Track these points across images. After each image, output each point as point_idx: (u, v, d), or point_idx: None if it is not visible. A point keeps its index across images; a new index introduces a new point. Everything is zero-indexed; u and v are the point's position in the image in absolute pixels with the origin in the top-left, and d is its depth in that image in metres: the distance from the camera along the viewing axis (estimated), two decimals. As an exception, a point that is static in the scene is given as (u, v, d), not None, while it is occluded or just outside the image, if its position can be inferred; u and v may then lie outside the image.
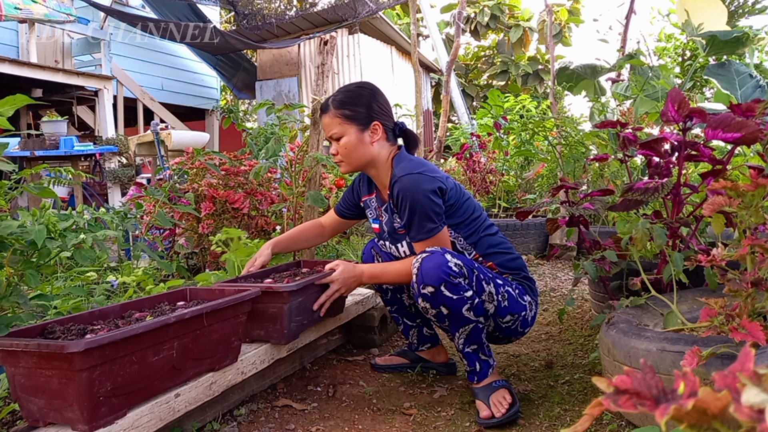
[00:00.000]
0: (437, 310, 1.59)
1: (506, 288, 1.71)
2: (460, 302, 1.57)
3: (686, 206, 2.10)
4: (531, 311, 1.77)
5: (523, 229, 4.19)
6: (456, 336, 1.64)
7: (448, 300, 1.56)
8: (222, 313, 1.43)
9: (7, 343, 1.13)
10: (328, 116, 1.75)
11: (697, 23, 3.83)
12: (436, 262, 1.56)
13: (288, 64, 8.56)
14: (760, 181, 1.23)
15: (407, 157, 1.77)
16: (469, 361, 1.67)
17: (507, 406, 1.59)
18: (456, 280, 1.56)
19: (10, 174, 1.54)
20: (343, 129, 1.73)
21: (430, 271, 1.55)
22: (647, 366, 0.44)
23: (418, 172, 1.67)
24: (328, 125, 1.76)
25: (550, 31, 6.56)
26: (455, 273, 1.56)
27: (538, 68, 13.47)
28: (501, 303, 1.68)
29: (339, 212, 2.04)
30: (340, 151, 1.75)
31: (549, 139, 4.08)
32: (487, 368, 1.67)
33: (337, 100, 1.74)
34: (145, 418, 1.22)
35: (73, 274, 2.14)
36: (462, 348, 1.66)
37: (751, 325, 1.16)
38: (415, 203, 1.63)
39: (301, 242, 2.07)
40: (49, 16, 5.49)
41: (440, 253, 1.58)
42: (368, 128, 1.74)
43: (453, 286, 1.55)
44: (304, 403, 1.73)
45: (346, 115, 1.72)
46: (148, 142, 4.86)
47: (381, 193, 1.88)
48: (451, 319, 1.60)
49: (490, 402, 1.61)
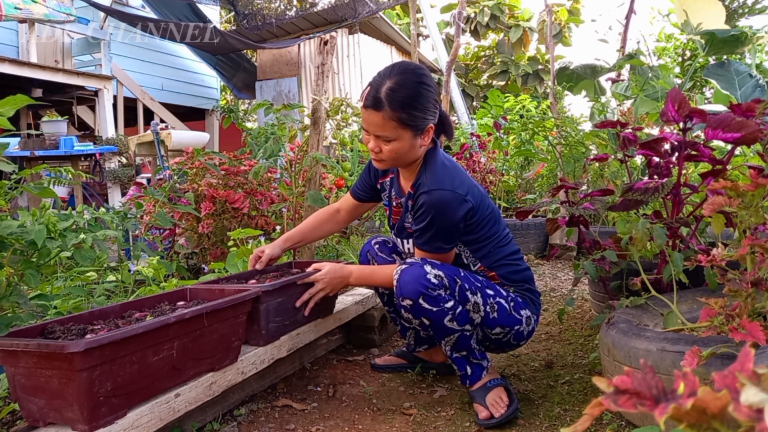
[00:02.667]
0: (419, 321, 1.58)
1: (497, 299, 1.64)
2: (441, 313, 1.54)
3: (686, 206, 2.10)
4: (527, 326, 1.69)
5: (523, 229, 4.19)
6: (443, 343, 1.63)
7: (427, 312, 1.55)
8: (222, 313, 1.43)
9: (7, 343, 1.13)
10: (381, 115, 1.51)
11: (696, 23, 3.83)
12: (414, 275, 1.54)
13: (288, 64, 8.56)
14: (760, 181, 1.23)
15: (440, 159, 1.66)
16: (459, 366, 1.65)
17: (505, 406, 1.58)
18: (435, 292, 1.53)
19: (10, 174, 1.54)
20: (398, 134, 1.54)
21: (408, 285, 1.54)
22: (647, 366, 0.44)
23: (450, 190, 1.56)
24: (379, 125, 1.53)
25: (550, 31, 6.56)
26: (434, 285, 1.53)
27: (538, 68, 13.47)
28: (489, 314, 1.62)
29: (355, 195, 1.95)
30: (387, 153, 1.58)
31: (549, 139, 4.08)
32: (480, 371, 1.65)
33: (396, 99, 1.50)
34: (145, 418, 1.22)
35: (73, 274, 2.14)
36: (450, 354, 1.64)
37: (751, 325, 1.16)
38: (437, 222, 1.57)
39: (316, 232, 1.98)
40: (49, 16, 5.49)
41: (419, 265, 1.55)
42: (423, 132, 1.58)
43: (432, 299, 1.53)
44: (304, 403, 1.73)
45: (404, 120, 1.52)
46: (148, 142, 4.86)
47: (401, 181, 1.78)
48: (434, 329, 1.58)
49: (487, 403, 1.60)
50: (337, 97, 6.01)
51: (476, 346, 1.65)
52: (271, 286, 1.61)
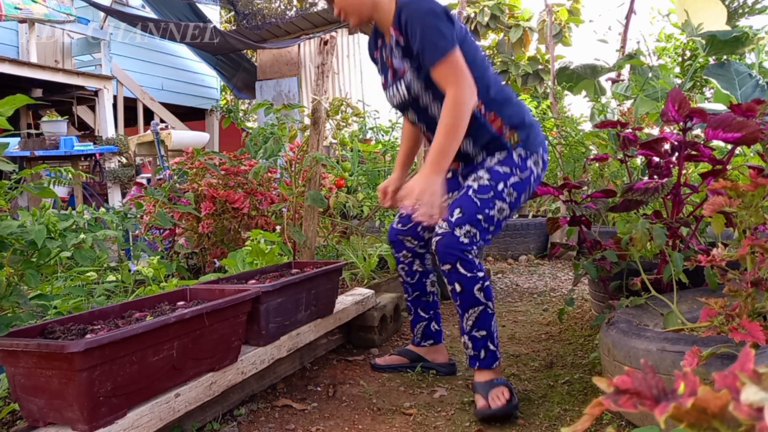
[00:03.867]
0: (452, 287, 1.67)
1: (511, 190, 1.72)
2: (473, 280, 1.64)
3: (686, 206, 2.10)
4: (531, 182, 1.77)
5: (523, 229, 4.19)
6: (465, 318, 1.69)
7: (462, 277, 1.64)
8: (222, 313, 1.43)
9: (7, 343, 1.13)
10: None
11: (696, 23, 3.83)
12: (450, 244, 1.63)
13: (288, 64, 8.56)
14: (760, 181, 1.23)
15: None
16: (474, 345, 1.69)
17: (505, 401, 1.60)
18: (470, 255, 1.63)
19: (10, 174, 1.54)
20: None
21: (446, 253, 1.63)
22: (647, 366, 0.44)
23: None
24: None
25: (550, 31, 6.56)
26: (467, 246, 1.63)
27: (538, 68, 13.46)
28: (512, 202, 1.71)
29: (399, 107, 1.90)
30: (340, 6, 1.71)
31: (549, 139, 4.08)
32: (492, 359, 1.69)
33: None
34: (145, 418, 1.22)
35: (73, 274, 2.14)
36: (469, 331, 1.69)
37: (751, 325, 1.16)
38: (423, 21, 1.61)
39: (416, 147, 2.06)
40: (49, 16, 5.49)
41: (450, 233, 1.63)
42: None
43: (468, 263, 1.64)
44: (304, 403, 1.73)
45: None
46: (148, 142, 4.86)
47: (385, 37, 1.82)
48: (463, 298, 1.67)
49: (488, 396, 1.62)
50: (337, 97, 6.01)
51: (496, 332, 1.71)
52: (271, 287, 1.61)
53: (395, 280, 2.77)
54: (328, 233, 3.08)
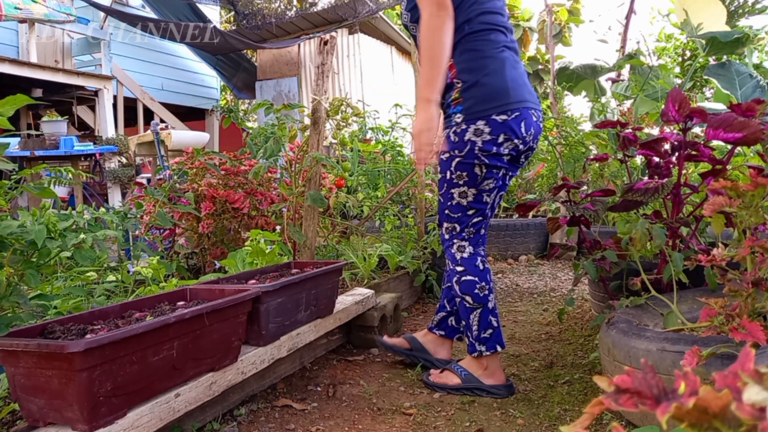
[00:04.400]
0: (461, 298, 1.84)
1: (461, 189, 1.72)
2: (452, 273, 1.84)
3: (686, 206, 2.10)
4: None
5: (523, 229, 4.19)
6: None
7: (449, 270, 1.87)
8: (222, 313, 1.43)
9: (7, 343, 1.13)
10: None
11: (696, 23, 3.83)
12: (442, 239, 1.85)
13: (288, 64, 8.56)
14: (760, 181, 1.23)
15: None
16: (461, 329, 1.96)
17: (454, 385, 1.78)
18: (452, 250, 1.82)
19: (10, 174, 1.54)
20: None
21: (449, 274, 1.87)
22: (648, 365, 0.44)
23: None
24: None
25: (550, 31, 6.56)
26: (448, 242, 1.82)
27: (538, 68, 13.46)
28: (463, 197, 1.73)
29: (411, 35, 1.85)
30: None
31: (549, 139, 4.08)
32: (471, 349, 1.81)
33: None
34: (145, 418, 1.22)
35: (73, 274, 2.14)
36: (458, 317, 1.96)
37: (751, 325, 1.16)
38: None
39: None
40: (49, 16, 5.49)
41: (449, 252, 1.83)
42: None
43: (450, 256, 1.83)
44: (304, 403, 1.73)
45: None
46: (148, 142, 4.86)
47: None
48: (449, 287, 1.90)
49: (447, 374, 1.84)
50: (337, 97, 6.01)
51: (476, 326, 1.80)
52: (271, 287, 1.61)
53: (395, 280, 2.77)
54: (328, 233, 3.08)
